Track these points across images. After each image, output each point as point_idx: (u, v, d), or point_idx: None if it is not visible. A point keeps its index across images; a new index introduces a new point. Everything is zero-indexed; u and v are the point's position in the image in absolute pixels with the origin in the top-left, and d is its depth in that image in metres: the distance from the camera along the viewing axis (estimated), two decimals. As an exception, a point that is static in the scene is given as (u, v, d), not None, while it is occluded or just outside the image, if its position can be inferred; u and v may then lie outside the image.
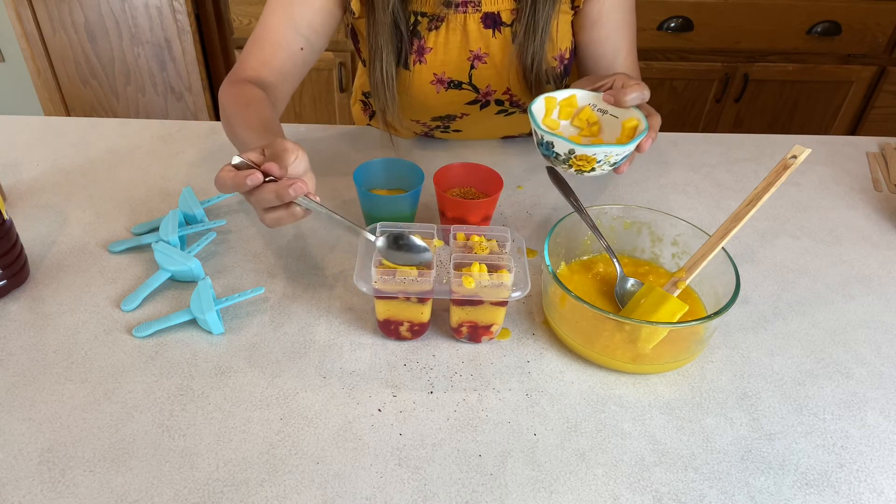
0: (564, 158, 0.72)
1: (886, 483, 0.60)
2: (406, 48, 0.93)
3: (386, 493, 0.57)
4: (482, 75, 0.96)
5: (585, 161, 0.70)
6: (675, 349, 0.67)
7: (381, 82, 0.93)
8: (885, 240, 0.91)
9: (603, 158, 0.70)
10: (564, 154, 0.71)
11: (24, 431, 0.60)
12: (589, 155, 0.70)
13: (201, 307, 0.69)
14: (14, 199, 0.90)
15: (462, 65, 0.95)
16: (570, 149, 0.71)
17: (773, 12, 1.83)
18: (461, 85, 0.97)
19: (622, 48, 0.97)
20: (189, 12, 1.87)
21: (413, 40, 0.93)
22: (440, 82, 0.96)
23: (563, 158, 0.72)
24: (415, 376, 0.67)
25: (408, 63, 0.94)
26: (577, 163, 0.71)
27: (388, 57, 0.91)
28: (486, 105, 1.00)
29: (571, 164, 0.72)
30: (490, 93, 0.98)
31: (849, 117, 2.06)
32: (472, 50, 0.94)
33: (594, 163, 0.70)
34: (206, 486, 0.56)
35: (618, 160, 0.72)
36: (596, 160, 0.70)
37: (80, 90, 2.04)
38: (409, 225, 0.71)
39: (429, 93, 0.97)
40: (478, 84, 0.97)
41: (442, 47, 0.93)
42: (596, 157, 0.70)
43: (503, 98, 0.99)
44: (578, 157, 0.70)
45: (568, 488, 0.58)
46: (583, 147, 0.69)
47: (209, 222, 0.84)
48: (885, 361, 0.72)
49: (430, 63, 0.94)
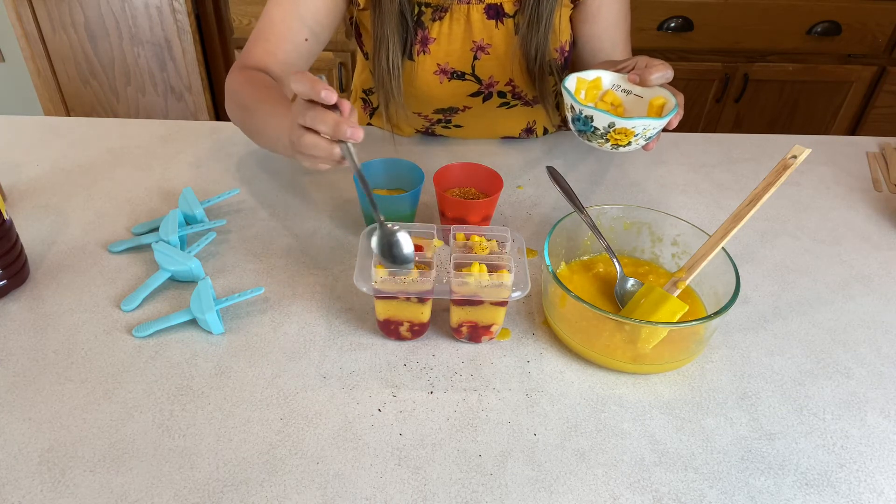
0: (603, 132, 0.74)
1: (886, 483, 0.60)
2: (410, 38, 0.94)
3: (386, 493, 0.57)
4: (485, 66, 0.97)
5: (624, 134, 0.73)
6: (675, 349, 0.67)
7: (387, 72, 0.93)
8: (885, 240, 0.91)
9: (641, 132, 0.73)
10: (604, 128, 0.74)
11: (24, 431, 0.60)
12: (629, 128, 0.72)
13: (201, 307, 0.69)
14: (14, 199, 0.90)
15: (465, 55, 0.96)
16: (611, 122, 0.73)
17: (773, 12, 1.83)
18: (464, 76, 0.97)
19: (619, 41, 1.00)
20: (189, 12, 1.87)
21: (417, 30, 0.94)
22: (443, 73, 0.96)
23: (602, 132, 0.74)
24: (415, 376, 0.67)
25: (412, 53, 0.95)
26: (615, 136, 0.73)
27: (393, 47, 0.92)
28: (488, 97, 1.01)
29: (609, 139, 0.74)
30: (492, 84, 0.99)
31: (849, 117, 2.06)
32: (475, 41, 0.95)
33: (632, 136, 0.73)
34: (206, 486, 0.56)
35: (653, 133, 0.74)
36: (634, 133, 0.73)
37: (80, 90, 2.04)
38: (409, 225, 0.71)
39: (432, 83, 0.97)
40: (480, 75, 0.98)
41: (445, 38, 0.94)
42: (635, 130, 0.73)
43: (505, 90, 1.00)
44: (618, 131, 0.73)
45: (568, 488, 0.58)
46: (622, 120, 0.72)
47: (209, 222, 0.84)
48: (885, 361, 0.72)
49: (434, 53, 0.95)
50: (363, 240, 0.72)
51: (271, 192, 0.93)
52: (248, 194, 0.93)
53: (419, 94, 0.99)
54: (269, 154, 1.02)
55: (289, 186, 0.95)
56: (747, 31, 1.86)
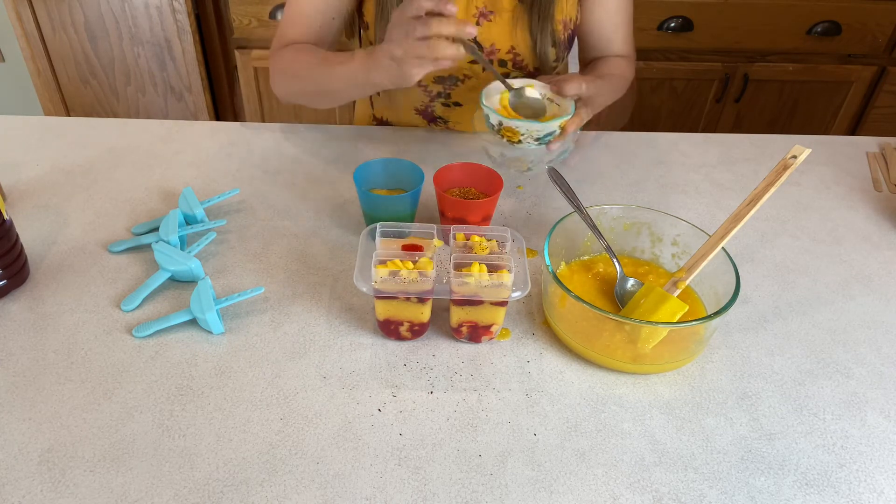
0: (497, 129, 0.86)
1: (886, 483, 0.60)
2: None
3: (386, 493, 0.57)
4: (487, 33, 0.99)
5: (512, 133, 0.84)
6: (675, 349, 0.67)
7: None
8: (885, 240, 0.91)
9: (525, 132, 0.84)
10: (496, 125, 0.85)
11: (24, 431, 0.60)
12: (513, 127, 0.84)
13: (201, 307, 0.69)
14: (14, 199, 0.90)
15: (468, 20, 0.97)
16: (499, 121, 0.85)
17: (773, 12, 1.83)
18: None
19: (620, 25, 1.04)
20: (189, 12, 1.86)
21: None
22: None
23: (496, 128, 0.86)
24: (415, 376, 0.67)
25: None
26: (506, 133, 0.85)
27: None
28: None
29: (503, 135, 0.86)
30: (494, 52, 1.00)
31: (849, 117, 2.06)
32: (478, 7, 0.97)
33: (519, 135, 0.84)
34: (206, 486, 0.56)
35: (540, 136, 0.84)
36: (520, 133, 0.84)
37: (80, 90, 2.04)
38: (409, 225, 0.71)
39: None
40: (482, 42, 0.99)
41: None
42: (519, 130, 0.84)
43: (506, 58, 1.01)
44: (506, 129, 0.85)
45: (568, 488, 0.58)
46: (508, 120, 0.83)
47: (209, 222, 0.84)
48: (885, 361, 0.72)
49: None
50: (363, 240, 0.72)
51: (271, 192, 0.93)
52: (248, 194, 0.93)
53: None
54: (270, 154, 1.02)
55: (289, 186, 0.95)
56: (747, 31, 1.86)
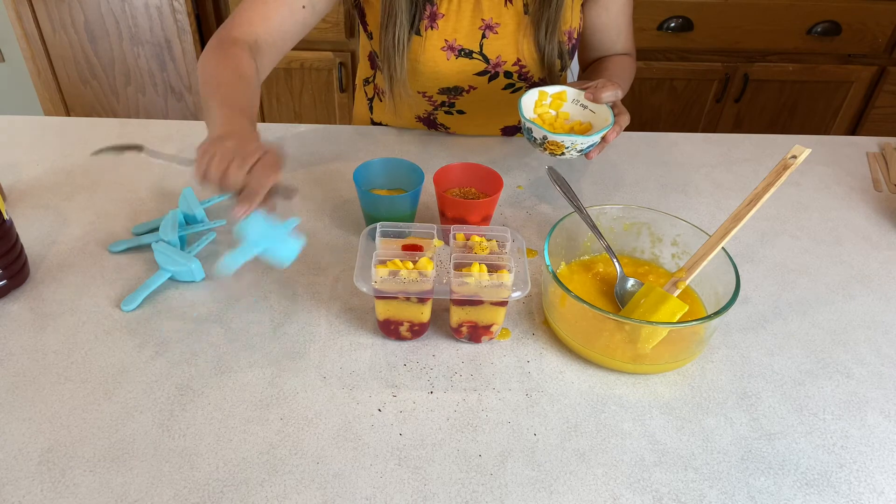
0: (540, 142, 0.86)
1: (886, 483, 0.60)
2: (419, 13, 0.95)
3: (386, 493, 0.57)
4: (493, 45, 0.98)
5: (556, 146, 0.85)
6: (675, 349, 0.67)
7: (393, 47, 0.95)
8: (885, 240, 0.91)
9: (570, 145, 0.84)
10: (540, 139, 0.85)
11: (24, 431, 0.60)
12: (559, 141, 0.84)
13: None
14: (14, 199, 0.90)
15: (474, 33, 0.97)
16: (544, 135, 0.84)
17: (773, 12, 1.83)
18: (472, 54, 0.98)
19: (623, 28, 1.05)
20: (189, 12, 1.86)
21: (426, 6, 0.95)
22: (451, 49, 0.97)
23: (540, 142, 0.86)
24: (415, 376, 0.67)
25: (419, 29, 0.96)
26: (550, 147, 0.85)
27: (402, 22, 0.93)
28: (494, 77, 1.02)
29: (546, 148, 0.86)
30: (500, 64, 1.00)
31: (849, 117, 2.06)
32: (483, 19, 0.96)
33: (563, 148, 0.85)
34: (206, 486, 0.56)
35: (583, 147, 0.85)
36: (565, 146, 0.84)
37: (80, 90, 2.04)
38: (409, 225, 0.71)
39: (439, 59, 0.98)
40: (488, 54, 0.99)
41: (454, 14, 0.95)
42: (564, 144, 0.84)
43: (512, 70, 1.01)
44: (551, 143, 0.85)
45: (568, 488, 0.58)
46: (553, 135, 0.83)
47: (209, 222, 0.84)
48: (885, 361, 0.72)
49: (442, 29, 0.96)
50: (363, 240, 0.72)
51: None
52: (248, 194, 0.93)
53: (425, 71, 1.00)
54: (269, 154, 1.02)
55: (289, 186, 0.95)
56: (747, 31, 1.86)
